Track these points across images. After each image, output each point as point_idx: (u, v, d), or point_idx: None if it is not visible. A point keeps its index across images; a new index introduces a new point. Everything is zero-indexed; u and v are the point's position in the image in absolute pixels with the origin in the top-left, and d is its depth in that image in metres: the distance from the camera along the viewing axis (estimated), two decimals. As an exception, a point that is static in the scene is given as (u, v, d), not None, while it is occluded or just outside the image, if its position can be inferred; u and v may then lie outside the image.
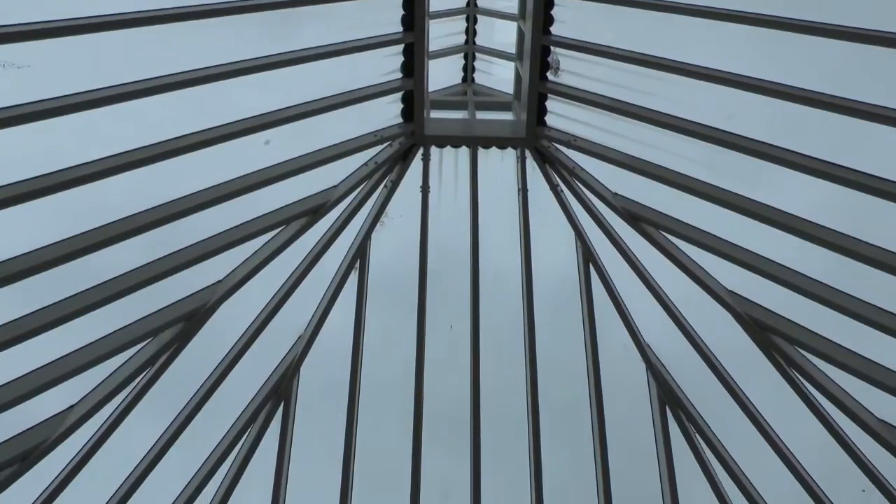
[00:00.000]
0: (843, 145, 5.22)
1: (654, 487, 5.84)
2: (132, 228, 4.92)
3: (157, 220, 4.98)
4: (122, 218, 4.94)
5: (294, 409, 5.74)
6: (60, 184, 4.55)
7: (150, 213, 5.00)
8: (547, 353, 6.17)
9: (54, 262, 4.66)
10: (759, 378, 5.98)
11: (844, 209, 5.43)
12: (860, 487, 5.45)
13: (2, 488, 4.95)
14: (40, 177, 4.54)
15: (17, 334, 4.67)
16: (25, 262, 4.56)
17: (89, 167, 4.67)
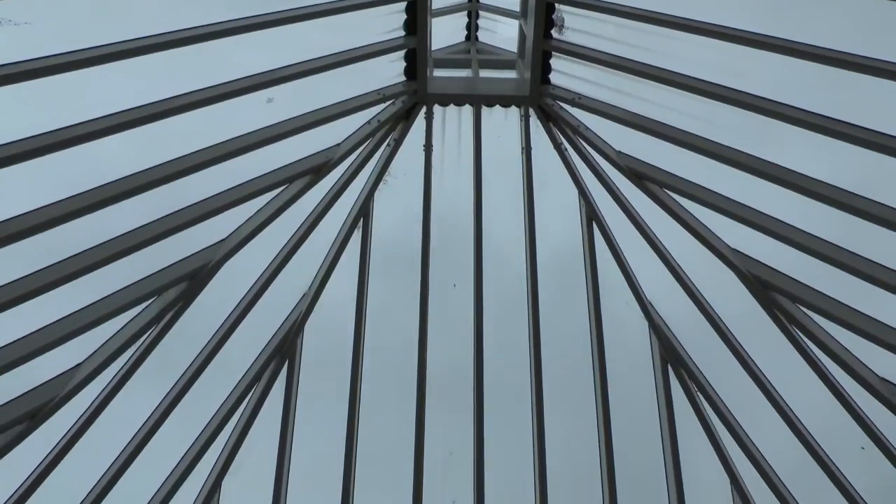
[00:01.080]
0: (855, 105, 5.17)
1: (656, 445, 5.90)
2: (134, 187, 4.90)
3: (158, 179, 4.96)
4: (123, 177, 4.93)
5: (298, 369, 5.78)
6: (58, 143, 4.53)
7: (151, 171, 4.98)
8: (550, 313, 6.19)
9: (55, 222, 4.66)
10: (761, 338, 6.00)
11: (853, 169, 5.41)
12: (859, 445, 5.50)
13: (11, 446, 5.02)
14: (39, 136, 4.52)
15: (22, 293, 4.69)
16: (25, 223, 4.56)
17: (87, 126, 4.64)
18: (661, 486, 5.95)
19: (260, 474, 5.99)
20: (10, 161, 4.41)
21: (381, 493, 6.72)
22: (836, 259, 5.03)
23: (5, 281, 4.76)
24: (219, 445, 5.67)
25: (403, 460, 6.17)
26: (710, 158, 5.33)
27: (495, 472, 6.12)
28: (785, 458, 5.91)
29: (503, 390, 6.40)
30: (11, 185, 5.10)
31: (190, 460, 5.55)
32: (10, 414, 4.97)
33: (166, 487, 5.56)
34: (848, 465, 5.77)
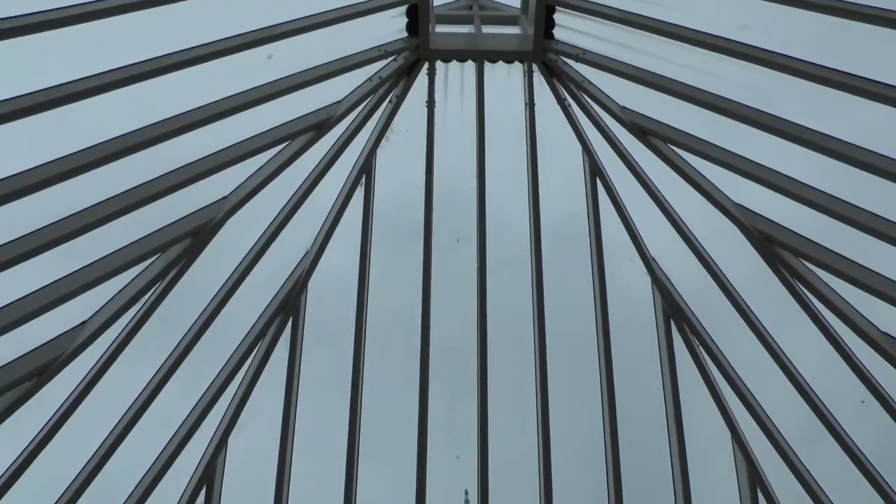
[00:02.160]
0: (865, 58, 5.12)
1: (658, 401, 5.96)
2: (134, 144, 4.89)
3: (160, 135, 4.94)
4: (123, 134, 4.91)
5: (302, 325, 5.82)
6: (53, 100, 4.51)
7: (152, 128, 4.96)
8: (553, 272, 6.20)
9: (58, 179, 4.65)
10: (763, 294, 6.02)
11: (860, 126, 5.37)
12: (860, 399, 5.54)
13: (20, 403, 5.07)
14: (35, 92, 4.49)
15: (26, 251, 4.71)
16: (26, 180, 4.56)
17: (84, 83, 4.60)
18: (663, 441, 6.01)
19: (265, 431, 6.07)
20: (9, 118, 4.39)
21: (384, 449, 6.82)
22: (840, 213, 5.02)
23: (8, 239, 4.79)
24: (224, 403, 5.73)
25: (407, 418, 6.24)
26: (714, 113, 5.30)
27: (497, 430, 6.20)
28: (786, 414, 5.96)
29: (505, 350, 6.45)
30: (10, 143, 5.12)
31: (195, 418, 5.61)
32: (17, 371, 5.01)
33: (172, 445, 5.63)
34: (847, 420, 5.82)
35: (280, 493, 5.77)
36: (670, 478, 5.91)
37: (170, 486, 5.87)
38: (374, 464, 6.49)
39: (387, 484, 7.05)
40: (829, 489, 5.96)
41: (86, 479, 5.34)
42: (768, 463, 6.04)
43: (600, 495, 6.00)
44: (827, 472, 6.08)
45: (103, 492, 5.59)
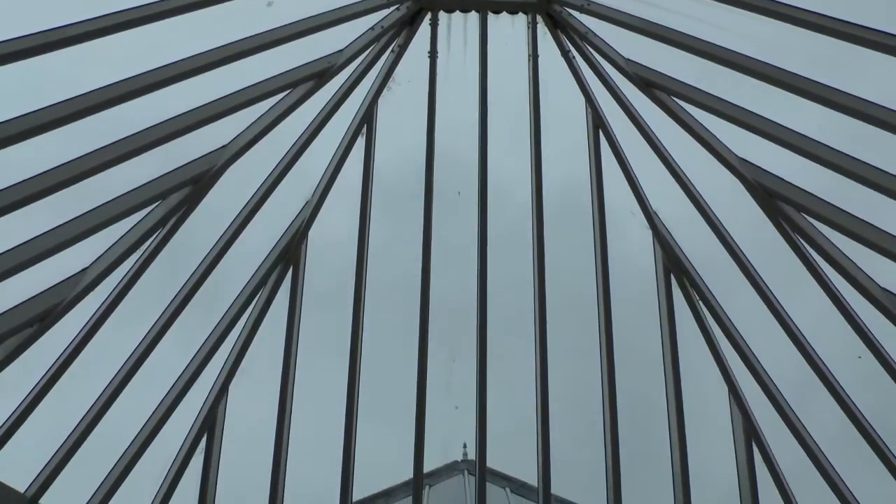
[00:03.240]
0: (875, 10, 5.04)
1: (657, 356, 5.98)
2: (134, 90, 4.86)
3: (160, 81, 4.91)
4: (122, 79, 4.88)
5: (303, 274, 5.83)
6: (51, 43, 4.48)
7: (151, 74, 4.93)
8: (554, 228, 6.18)
9: (55, 124, 4.64)
10: (764, 251, 6.02)
11: (870, 81, 5.30)
12: (857, 357, 5.55)
13: (23, 348, 5.11)
14: (32, 35, 4.46)
15: (28, 195, 4.71)
16: (26, 123, 4.54)
17: (82, 27, 4.57)
18: (661, 395, 6.05)
19: (266, 380, 6.12)
20: (7, 59, 4.36)
21: (382, 404, 6.88)
22: (844, 167, 5.00)
23: (9, 183, 4.79)
24: (224, 351, 5.77)
25: (406, 375, 6.28)
26: (719, 65, 5.24)
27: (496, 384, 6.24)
28: (784, 369, 5.99)
29: (504, 308, 6.46)
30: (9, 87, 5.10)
31: (197, 365, 5.65)
32: (19, 317, 5.05)
33: (174, 393, 5.68)
34: (844, 377, 5.84)
35: (280, 442, 5.83)
36: (667, 432, 5.97)
37: (171, 434, 5.96)
38: (373, 419, 6.56)
39: (386, 438, 7.14)
40: (823, 445, 6.02)
41: (88, 425, 5.39)
42: (764, 418, 6.09)
43: (597, 447, 6.07)
44: (822, 429, 6.14)
45: (105, 439, 5.66)
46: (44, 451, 5.62)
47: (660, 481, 6.15)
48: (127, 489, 5.76)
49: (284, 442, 5.83)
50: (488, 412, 5.97)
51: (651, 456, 6.46)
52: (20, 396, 5.32)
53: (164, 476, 5.82)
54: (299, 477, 6.48)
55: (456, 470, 8.40)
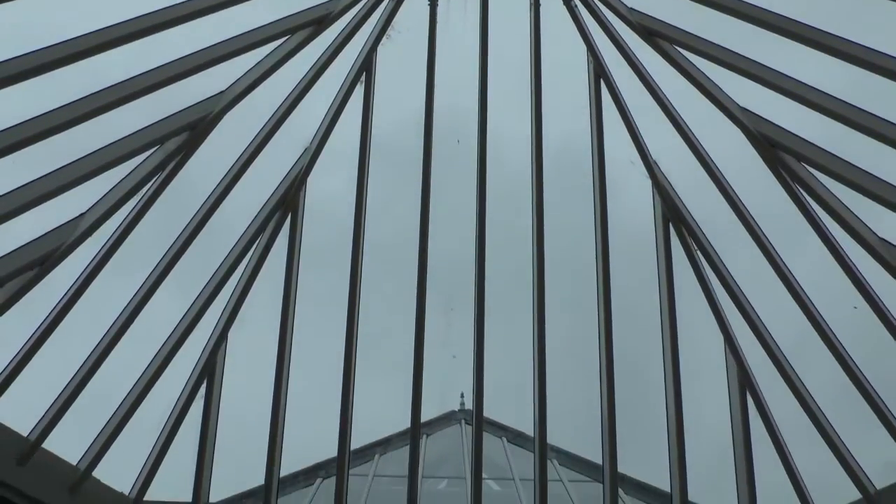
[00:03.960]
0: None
1: (654, 305, 6.01)
2: (131, 33, 4.82)
3: (153, 26, 4.86)
4: (118, 22, 4.83)
5: (301, 221, 5.83)
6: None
7: (147, 17, 4.87)
8: (554, 179, 6.16)
9: (52, 66, 4.60)
10: (764, 202, 6.01)
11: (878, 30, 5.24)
12: (854, 311, 5.57)
13: (24, 291, 5.13)
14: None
15: (25, 137, 4.70)
16: (25, 63, 4.50)
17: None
18: (657, 346, 6.09)
19: (266, 328, 6.16)
20: None
21: (381, 357, 6.93)
22: (846, 116, 4.95)
23: (8, 125, 4.76)
24: (224, 297, 5.80)
25: (405, 328, 6.31)
26: (722, 13, 5.17)
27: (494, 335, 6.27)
28: (781, 319, 6.02)
29: (503, 260, 6.47)
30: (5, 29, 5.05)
31: (196, 311, 5.68)
32: (19, 260, 5.06)
33: (174, 337, 5.72)
34: (840, 328, 5.86)
35: (279, 389, 5.89)
36: (662, 382, 6.02)
37: (172, 380, 6.02)
38: (371, 369, 6.62)
39: (384, 388, 7.21)
40: (818, 398, 6.06)
41: (90, 370, 5.44)
42: (759, 372, 6.13)
43: (593, 397, 6.12)
44: (817, 382, 6.18)
45: (106, 383, 5.72)
46: (47, 395, 5.71)
47: (655, 430, 6.23)
48: (129, 433, 5.85)
49: (283, 389, 5.89)
50: (485, 363, 6.03)
51: (646, 406, 6.53)
52: (22, 340, 5.37)
53: (165, 421, 5.89)
54: (298, 425, 6.58)
55: (453, 419, 8.52)
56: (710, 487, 6.76)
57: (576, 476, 7.55)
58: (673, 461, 5.97)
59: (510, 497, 7.07)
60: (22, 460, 5.21)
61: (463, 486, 6.97)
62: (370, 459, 7.82)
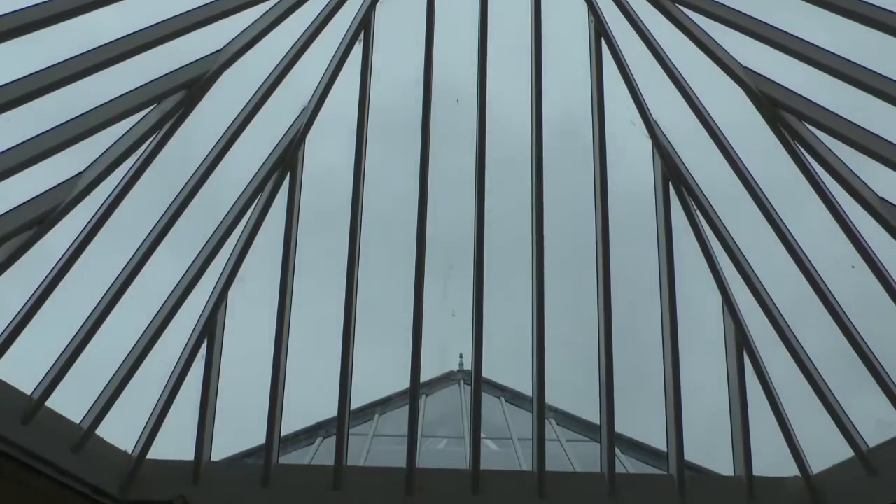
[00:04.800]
0: None
1: (652, 266, 6.02)
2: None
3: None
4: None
5: (300, 181, 5.81)
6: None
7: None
8: (554, 141, 6.13)
9: (47, 21, 4.55)
10: (764, 162, 5.99)
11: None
12: (850, 265, 5.58)
13: (22, 251, 5.13)
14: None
15: (19, 95, 4.66)
16: (21, 18, 4.45)
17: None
18: (656, 307, 6.11)
19: (266, 287, 6.17)
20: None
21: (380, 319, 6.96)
22: (849, 75, 4.91)
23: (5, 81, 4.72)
24: (224, 257, 5.80)
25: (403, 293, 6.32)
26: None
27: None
28: (779, 280, 6.03)
29: (503, 225, 6.46)
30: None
31: (196, 271, 5.69)
32: (17, 220, 5.05)
33: (174, 297, 5.73)
34: (839, 291, 5.88)
35: (279, 348, 5.92)
36: (660, 341, 6.06)
37: (173, 339, 6.05)
38: (370, 330, 6.65)
39: (384, 349, 7.26)
40: (812, 357, 6.10)
41: (91, 328, 5.46)
42: (757, 334, 6.17)
43: (591, 358, 6.17)
44: (814, 345, 6.22)
45: (108, 346, 5.75)
46: (49, 355, 5.74)
47: (652, 391, 6.29)
48: (131, 394, 5.90)
49: (283, 349, 5.92)
50: (484, 324, 6.06)
51: (644, 366, 6.58)
52: (22, 300, 5.39)
53: (166, 381, 5.93)
54: (299, 385, 6.64)
55: (452, 380, 8.59)
56: (707, 448, 6.86)
57: (573, 436, 7.63)
58: (670, 421, 6.04)
59: (509, 456, 7.15)
60: (26, 419, 5.26)
61: (462, 446, 7.05)
62: (370, 419, 7.90)
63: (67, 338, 5.72)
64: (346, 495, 5.82)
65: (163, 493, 5.69)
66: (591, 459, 6.65)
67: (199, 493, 5.73)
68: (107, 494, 5.57)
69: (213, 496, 5.75)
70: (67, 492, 5.38)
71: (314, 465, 6.82)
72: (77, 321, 5.78)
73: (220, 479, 5.91)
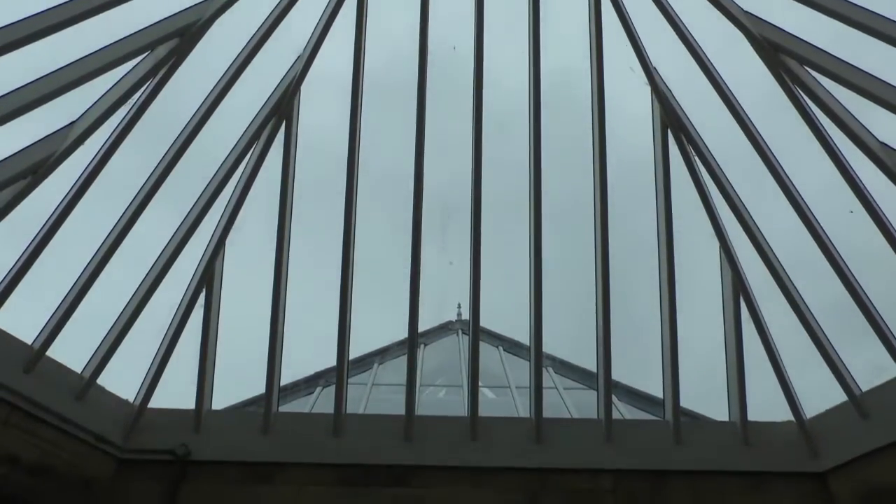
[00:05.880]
0: None
1: (650, 211, 6.01)
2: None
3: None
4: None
5: (296, 128, 5.76)
6: None
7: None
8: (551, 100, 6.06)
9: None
10: (767, 112, 5.94)
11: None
12: (849, 209, 5.57)
13: (17, 200, 5.10)
14: None
15: (10, 41, 4.58)
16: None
17: None
18: (653, 255, 6.12)
19: (262, 235, 6.16)
20: None
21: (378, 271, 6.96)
22: (848, 16, 4.83)
23: (1, 25, 4.65)
24: (221, 205, 5.78)
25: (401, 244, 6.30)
26: None
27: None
28: (778, 226, 6.03)
29: (500, 178, 6.42)
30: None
31: (194, 219, 5.67)
32: (12, 169, 5.02)
33: (173, 244, 5.73)
34: (835, 230, 5.87)
35: (277, 297, 5.93)
36: (657, 289, 6.08)
37: (172, 289, 6.06)
38: (369, 283, 6.66)
39: (382, 301, 7.28)
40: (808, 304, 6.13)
41: (90, 277, 5.47)
42: (752, 274, 6.18)
43: (589, 306, 6.19)
44: (806, 290, 6.23)
45: (105, 291, 5.76)
46: (49, 305, 5.75)
47: (649, 339, 6.33)
48: (132, 344, 5.93)
49: (282, 298, 5.94)
50: (482, 274, 6.06)
51: (641, 314, 6.62)
52: (20, 249, 5.38)
53: (166, 330, 5.96)
54: (298, 337, 6.67)
55: (450, 330, 8.64)
56: (702, 395, 6.94)
57: (571, 384, 7.70)
58: (666, 367, 6.08)
59: (507, 404, 7.22)
60: (28, 368, 5.29)
61: (460, 395, 7.12)
62: (369, 368, 7.97)
63: (66, 285, 5.74)
64: (346, 442, 5.88)
65: (165, 441, 5.75)
66: (589, 407, 6.70)
67: (200, 441, 5.80)
68: (110, 442, 5.64)
69: (215, 443, 5.82)
70: (71, 439, 5.45)
71: (314, 413, 6.89)
72: (75, 272, 5.80)
73: (221, 426, 5.97)
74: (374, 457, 5.77)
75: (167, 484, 5.55)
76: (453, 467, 5.75)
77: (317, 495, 5.59)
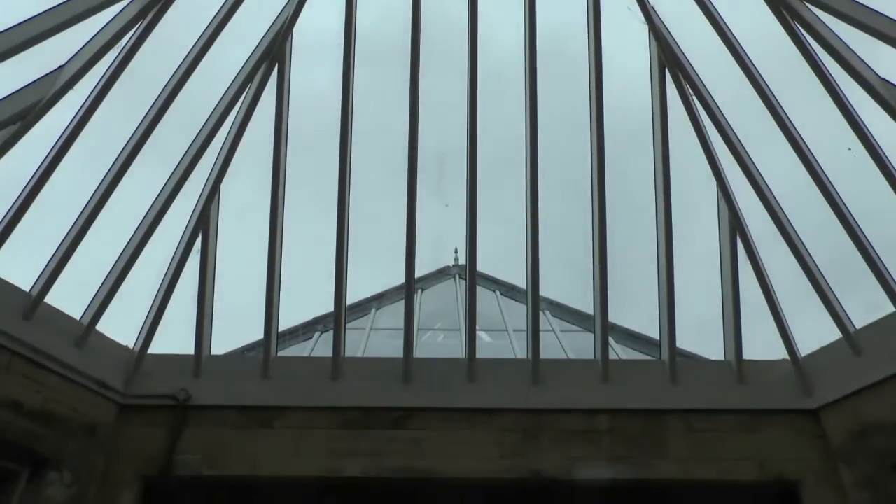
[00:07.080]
0: None
1: (648, 151, 5.96)
2: None
3: None
4: None
5: (289, 72, 5.67)
6: None
7: None
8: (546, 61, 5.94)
9: None
10: (766, 53, 5.84)
11: None
12: (847, 147, 5.52)
13: (7, 146, 5.03)
14: None
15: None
16: None
17: None
18: (650, 194, 6.09)
19: (257, 185, 6.12)
20: None
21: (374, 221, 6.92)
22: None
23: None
24: (215, 149, 5.72)
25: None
26: None
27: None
28: (777, 169, 5.99)
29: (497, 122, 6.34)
30: None
31: (188, 163, 5.62)
32: (0, 114, 4.95)
33: (167, 190, 5.69)
34: (833, 170, 5.84)
35: (274, 243, 5.92)
36: (654, 230, 6.07)
37: (168, 236, 6.03)
38: (366, 228, 6.63)
39: (381, 246, 7.26)
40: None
41: (85, 223, 5.44)
42: (751, 219, 6.17)
43: (586, 249, 6.19)
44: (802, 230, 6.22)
45: (102, 239, 5.74)
46: (45, 253, 5.73)
47: (646, 280, 6.34)
48: (128, 287, 5.93)
49: (278, 243, 5.92)
50: (479, 218, 6.03)
51: (637, 256, 6.62)
52: (11, 197, 5.33)
53: (163, 275, 5.95)
54: (295, 285, 6.66)
55: (447, 275, 8.66)
56: (698, 336, 6.99)
57: (567, 326, 7.74)
58: (662, 309, 6.10)
59: (504, 348, 7.27)
60: (27, 315, 5.30)
61: (458, 338, 7.16)
62: (367, 313, 8.00)
63: (59, 232, 5.70)
64: (345, 385, 5.93)
65: (166, 386, 5.80)
66: (585, 349, 6.75)
67: (200, 386, 5.85)
68: (111, 388, 5.68)
69: (214, 388, 5.86)
70: (73, 385, 5.48)
71: (313, 356, 6.93)
72: (71, 219, 5.77)
73: (221, 371, 6.01)
74: (372, 399, 5.82)
75: (169, 429, 5.62)
76: (451, 409, 5.80)
77: (316, 438, 5.66)
